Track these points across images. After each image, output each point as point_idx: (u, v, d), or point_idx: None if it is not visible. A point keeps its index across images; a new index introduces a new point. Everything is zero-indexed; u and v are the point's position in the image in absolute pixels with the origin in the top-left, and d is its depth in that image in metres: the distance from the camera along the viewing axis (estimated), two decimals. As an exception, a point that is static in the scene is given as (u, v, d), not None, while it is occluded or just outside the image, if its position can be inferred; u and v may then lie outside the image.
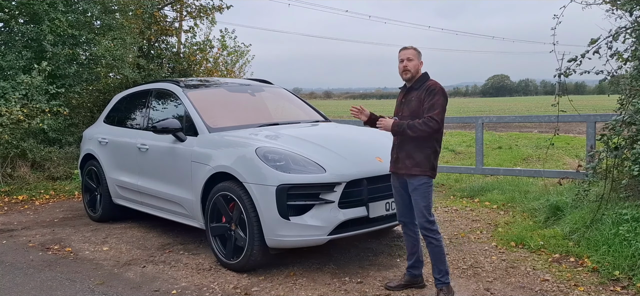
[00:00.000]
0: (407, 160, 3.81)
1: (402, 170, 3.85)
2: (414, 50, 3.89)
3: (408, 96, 3.87)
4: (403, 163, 3.84)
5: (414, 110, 3.77)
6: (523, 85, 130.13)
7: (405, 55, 3.86)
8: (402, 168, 3.85)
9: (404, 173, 3.84)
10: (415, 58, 3.85)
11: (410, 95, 3.85)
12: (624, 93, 5.59)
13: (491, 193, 7.33)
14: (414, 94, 3.82)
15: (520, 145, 14.70)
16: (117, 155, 6.34)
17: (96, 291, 4.27)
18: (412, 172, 3.79)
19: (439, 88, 3.75)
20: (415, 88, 3.84)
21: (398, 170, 3.89)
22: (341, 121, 7.95)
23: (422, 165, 3.78)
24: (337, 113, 37.32)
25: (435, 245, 3.82)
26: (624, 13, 5.56)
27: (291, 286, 4.25)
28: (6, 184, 8.72)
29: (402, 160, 3.84)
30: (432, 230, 3.81)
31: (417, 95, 3.79)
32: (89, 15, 9.96)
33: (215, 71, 13.57)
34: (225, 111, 5.71)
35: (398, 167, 3.88)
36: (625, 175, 5.18)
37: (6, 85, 8.58)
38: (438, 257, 3.83)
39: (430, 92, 3.73)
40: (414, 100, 3.79)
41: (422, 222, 3.81)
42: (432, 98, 3.70)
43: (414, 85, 3.85)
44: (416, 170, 3.78)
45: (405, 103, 3.86)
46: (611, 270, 4.20)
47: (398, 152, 3.89)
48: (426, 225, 3.80)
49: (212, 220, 4.77)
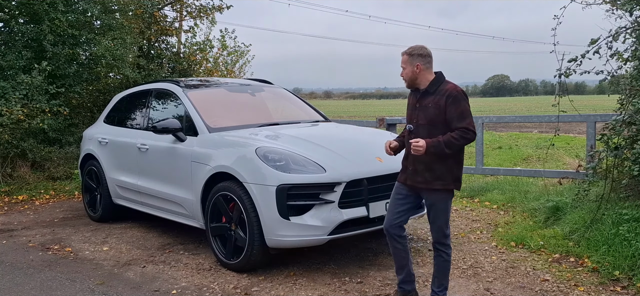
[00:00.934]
0: (427, 173, 3.44)
1: (421, 185, 3.48)
2: (406, 56, 3.55)
3: (423, 101, 3.49)
4: (422, 176, 3.46)
5: (432, 118, 3.42)
6: (523, 85, 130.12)
7: (402, 63, 3.59)
8: (421, 182, 3.47)
9: (423, 188, 3.49)
10: (407, 65, 3.53)
11: (425, 100, 3.48)
12: (624, 93, 5.59)
13: (491, 193, 7.33)
14: (430, 99, 3.46)
15: (520, 145, 14.71)
16: (117, 155, 6.34)
17: (96, 291, 4.27)
18: (433, 187, 3.44)
19: (461, 94, 3.41)
20: (431, 92, 3.47)
21: (416, 183, 3.50)
22: (341, 121, 7.95)
23: (444, 178, 3.43)
24: (337, 113, 37.33)
25: (444, 259, 3.57)
26: (624, 13, 5.55)
27: (291, 286, 4.25)
28: (6, 184, 8.72)
29: (421, 172, 3.46)
30: (446, 244, 3.55)
31: (435, 101, 3.43)
32: (89, 15, 9.95)
33: (215, 71, 13.57)
34: (225, 111, 5.71)
35: (416, 181, 3.49)
36: (625, 175, 5.18)
37: (6, 85, 8.58)
38: (444, 272, 3.60)
39: (454, 100, 3.37)
40: (432, 107, 3.43)
41: (438, 237, 3.54)
42: (458, 106, 3.36)
43: (429, 88, 3.48)
44: (438, 184, 3.43)
45: (421, 109, 3.49)
46: (611, 270, 4.20)
47: (415, 163, 3.50)
48: (442, 239, 3.54)
49: (212, 220, 4.77)
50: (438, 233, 3.55)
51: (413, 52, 3.53)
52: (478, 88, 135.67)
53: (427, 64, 3.53)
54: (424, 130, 3.44)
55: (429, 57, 3.54)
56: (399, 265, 3.75)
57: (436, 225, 3.53)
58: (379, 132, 6.04)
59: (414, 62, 3.52)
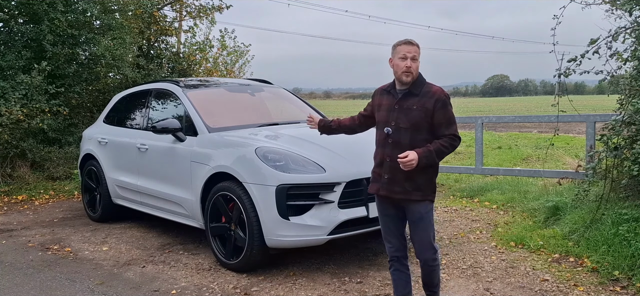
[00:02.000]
0: (406, 183, 3.13)
1: (398, 195, 3.16)
2: (418, 47, 3.20)
3: (405, 102, 3.16)
4: (401, 186, 3.15)
5: (417, 121, 3.11)
6: (523, 85, 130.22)
7: (411, 53, 3.14)
8: (398, 192, 3.16)
9: (401, 199, 3.18)
10: (418, 57, 3.18)
11: (408, 101, 3.16)
12: (623, 93, 5.59)
13: (491, 193, 7.33)
14: (414, 101, 3.14)
15: (520, 145, 14.70)
16: (117, 155, 6.34)
17: (96, 291, 4.27)
18: (412, 198, 3.14)
19: (448, 99, 3.17)
20: (415, 93, 3.16)
21: (393, 194, 3.17)
22: (341, 121, 7.94)
23: (424, 188, 3.15)
24: (337, 113, 37.33)
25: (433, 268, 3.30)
26: (624, 13, 5.55)
27: (291, 286, 4.25)
28: (6, 184, 8.72)
29: (400, 182, 3.14)
30: (436, 258, 3.27)
31: (420, 104, 3.12)
32: (89, 15, 9.95)
33: (215, 71, 13.57)
34: (225, 111, 5.71)
35: (394, 191, 3.17)
36: (624, 175, 5.18)
37: (6, 85, 8.58)
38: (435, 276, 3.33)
39: (443, 104, 3.11)
40: (417, 110, 3.12)
41: (428, 253, 3.21)
42: (446, 111, 3.12)
43: (413, 89, 3.17)
44: (417, 195, 3.14)
45: (402, 111, 3.16)
46: (611, 270, 4.20)
47: (392, 171, 3.16)
48: (431, 254, 3.22)
49: (212, 220, 4.76)
50: (427, 251, 3.21)
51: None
52: (478, 88, 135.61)
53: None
54: (406, 134, 3.13)
55: None
56: (400, 293, 3.43)
57: (425, 241, 3.19)
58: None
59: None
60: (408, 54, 3.14)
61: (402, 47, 3.17)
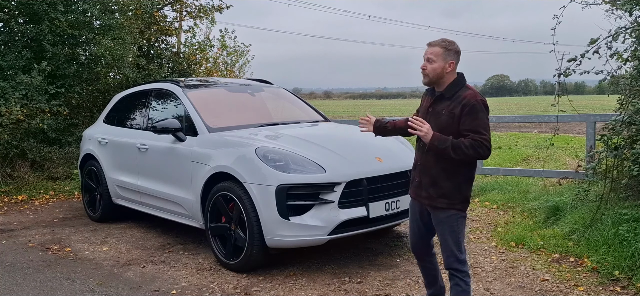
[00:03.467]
0: (431, 188, 3.05)
1: (424, 200, 3.11)
2: (440, 48, 3.04)
3: (437, 106, 3.07)
4: (426, 191, 3.08)
5: (444, 126, 2.99)
6: (523, 85, 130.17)
7: (428, 53, 3.07)
8: (424, 197, 3.10)
9: (426, 204, 3.13)
10: (439, 59, 3.03)
11: (439, 105, 3.06)
12: (623, 94, 5.59)
13: (491, 193, 7.33)
14: (444, 105, 3.03)
15: (520, 145, 14.71)
16: (117, 155, 6.34)
17: (96, 291, 4.27)
18: (436, 204, 3.06)
19: (480, 104, 2.95)
20: (447, 97, 3.04)
21: (420, 198, 3.14)
22: (341, 121, 7.95)
23: (450, 196, 3.02)
24: (337, 113, 37.31)
25: (462, 289, 3.05)
26: (624, 13, 5.55)
27: (291, 286, 4.25)
28: (6, 184, 8.72)
29: (425, 187, 3.08)
30: (462, 270, 3.06)
31: (449, 108, 3.00)
32: (89, 15, 9.95)
33: (215, 71, 13.56)
34: (225, 111, 5.71)
35: (420, 195, 3.13)
36: (625, 175, 5.18)
37: (6, 85, 8.57)
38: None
39: (470, 109, 2.93)
40: (445, 114, 3.01)
41: (450, 261, 3.07)
42: (475, 118, 2.92)
43: (445, 92, 3.05)
44: (442, 201, 3.03)
45: (433, 114, 3.07)
46: (611, 270, 4.20)
47: (421, 174, 3.13)
48: (455, 264, 3.06)
49: (212, 220, 4.76)
50: (449, 258, 3.07)
51: (450, 47, 3.05)
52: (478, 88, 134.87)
53: (458, 64, 3.10)
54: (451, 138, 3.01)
55: (459, 56, 3.11)
56: (428, 281, 3.46)
57: (445, 245, 3.08)
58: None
59: (448, 59, 3.04)
60: (425, 55, 3.09)
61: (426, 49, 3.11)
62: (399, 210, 4.61)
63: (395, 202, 4.58)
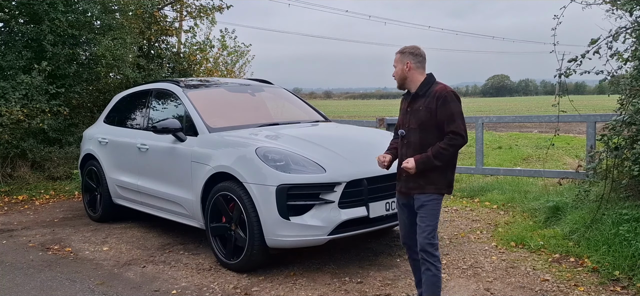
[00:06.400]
0: (421, 179, 3.31)
1: (414, 191, 3.34)
2: (398, 54, 3.44)
3: (414, 104, 3.37)
4: (415, 182, 3.33)
5: (423, 121, 3.28)
6: (523, 85, 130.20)
7: (393, 62, 3.47)
8: (413, 188, 3.34)
9: (416, 192, 3.35)
10: (398, 63, 3.41)
11: (416, 103, 3.36)
12: (624, 93, 5.58)
13: (491, 193, 7.33)
14: (421, 102, 3.33)
15: (520, 145, 14.71)
16: (117, 155, 6.34)
17: (96, 291, 4.27)
18: (425, 191, 3.32)
19: (449, 94, 3.26)
20: (421, 95, 3.34)
21: (410, 190, 3.37)
22: (341, 121, 7.95)
23: (437, 182, 3.31)
24: (337, 113, 37.33)
25: (432, 274, 3.29)
26: (624, 13, 5.55)
27: (291, 286, 4.25)
28: (6, 184, 8.72)
29: (414, 179, 3.33)
30: (434, 254, 3.29)
31: (425, 104, 3.30)
32: (89, 15, 9.94)
33: (215, 71, 13.56)
34: (225, 111, 5.72)
35: (409, 187, 3.36)
36: (625, 175, 5.18)
37: (6, 85, 8.58)
38: (432, 289, 3.30)
39: (443, 101, 3.24)
40: (423, 110, 3.30)
41: (423, 243, 3.29)
42: (447, 108, 3.22)
43: (419, 91, 3.36)
44: (430, 188, 3.31)
45: (412, 113, 3.36)
46: (611, 270, 4.20)
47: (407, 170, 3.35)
48: (427, 247, 3.29)
49: (212, 220, 4.76)
50: (424, 238, 3.29)
51: (404, 50, 3.43)
52: (478, 88, 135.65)
53: (418, 63, 3.39)
54: (415, 134, 3.32)
55: (420, 57, 3.40)
56: (418, 278, 3.54)
57: (422, 227, 3.30)
58: (379, 132, 6.04)
59: (405, 60, 3.39)
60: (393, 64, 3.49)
61: None
62: (399, 210, 4.61)
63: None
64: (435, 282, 3.31)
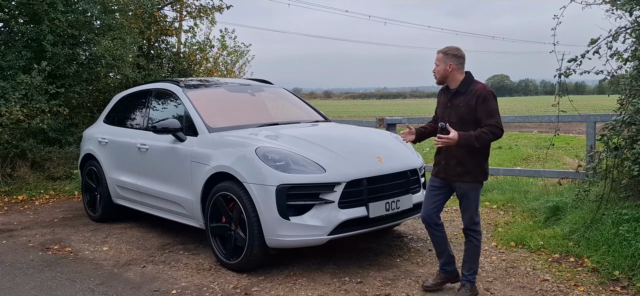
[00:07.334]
0: (459, 167, 3.74)
1: (453, 178, 3.78)
2: (441, 54, 3.80)
3: (455, 100, 3.75)
4: (454, 170, 3.76)
5: (463, 116, 3.68)
6: (523, 85, 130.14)
7: (435, 60, 3.84)
8: (452, 175, 3.77)
9: (455, 180, 3.78)
10: (440, 63, 3.78)
11: (457, 99, 3.74)
12: (624, 93, 5.58)
13: (491, 193, 7.33)
14: (461, 99, 3.72)
15: (520, 145, 14.72)
16: (117, 155, 6.34)
17: (96, 291, 4.27)
18: (463, 179, 3.75)
19: (489, 94, 3.67)
20: (462, 92, 3.73)
21: (448, 176, 3.80)
22: (341, 121, 7.95)
23: (474, 172, 3.74)
24: (337, 113, 37.32)
25: (474, 245, 3.82)
26: (624, 13, 5.55)
27: (291, 286, 4.25)
28: (6, 184, 8.72)
29: (453, 167, 3.76)
30: (476, 230, 3.82)
31: (466, 101, 3.69)
32: (89, 15, 9.94)
33: (215, 71, 13.56)
34: (225, 111, 5.71)
35: (448, 174, 3.79)
36: (625, 175, 5.18)
37: (6, 85, 8.57)
38: (473, 256, 3.83)
39: (483, 99, 3.64)
40: (463, 106, 3.69)
41: (467, 223, 3.82)
42: (487, 105, 3.63)
43: (460, 88, 3.75)
44: (468, 177, 3.74)
45: (452, 108, 3.75)
46: (611, 270, 4.20)
47: (447, 158, 3.80)
48: (471, 225, 3.81)
49: (212, 220, 4.76)
50: (469, 221, 3.81)
51: (448, 52, 3.77)
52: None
53: (459, 65, 3.77)
54: (455, 128, 3.65)
55: (462, 59, 3.79)
56: (439, 250, 4.00)
57: (467, 213, 3.80)
58: (379, 132, 6.04)
59: (448, 61, 3.75)
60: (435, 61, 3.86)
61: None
62: (399, 210, 4.61)
63: (396, 202, 4.58)
64: (476, 251, 3.84)
